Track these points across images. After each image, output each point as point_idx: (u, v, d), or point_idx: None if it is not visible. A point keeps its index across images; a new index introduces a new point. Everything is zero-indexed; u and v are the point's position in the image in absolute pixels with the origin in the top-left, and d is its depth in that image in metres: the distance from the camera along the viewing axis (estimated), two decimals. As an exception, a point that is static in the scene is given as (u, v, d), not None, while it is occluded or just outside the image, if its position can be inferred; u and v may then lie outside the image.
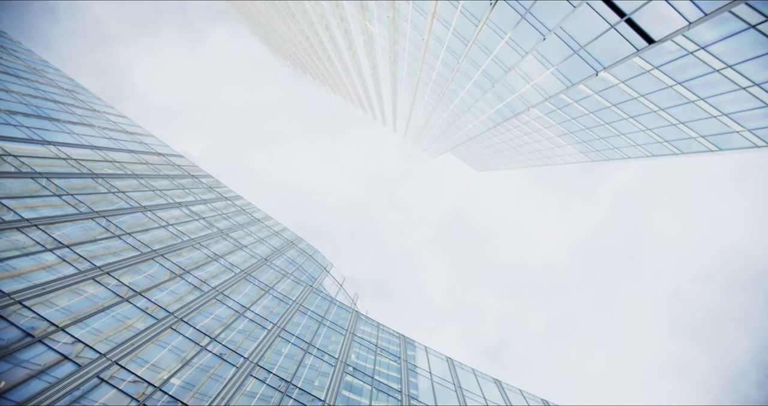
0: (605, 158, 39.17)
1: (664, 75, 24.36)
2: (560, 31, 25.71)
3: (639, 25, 20.83)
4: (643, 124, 29.75)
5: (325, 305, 41.31)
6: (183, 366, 21.36)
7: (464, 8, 31.25)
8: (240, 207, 53.97)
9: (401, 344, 41.15)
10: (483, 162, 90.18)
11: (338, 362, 31.29)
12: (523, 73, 34.11)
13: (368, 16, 49.09)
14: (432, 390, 33.80)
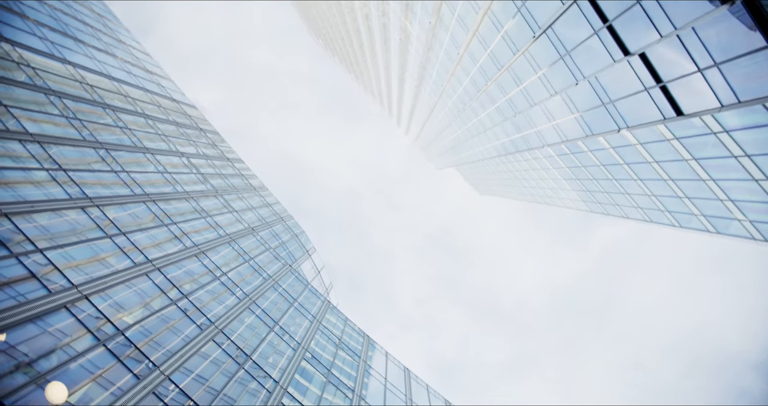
0: (604, 212, 39.20)
1: (682, 148, 24.36)
2: (594, 80, 25.65)
3: (672, 95, 20.79)
4: (649, 188, 29.76)
5: (299, 288, 41.15)
6: (147, 314, 21.14)
7: (507, 34, 31.15)
8: (238, 170, 53.66)
9: (364, 344, 41.10)
10: (485, 185, 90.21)
11: (300, 347, 31.17)
12: (547, 111, 34.05)
13: (410, 17, 48.90)
14: (384, 397, 33.76)
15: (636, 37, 20.05)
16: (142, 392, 17.28)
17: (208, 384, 21.06)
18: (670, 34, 18.07)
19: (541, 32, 26.90)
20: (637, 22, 19.37)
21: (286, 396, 25.17)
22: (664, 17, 17.85)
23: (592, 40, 23.01)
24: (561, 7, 23.32)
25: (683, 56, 18.71)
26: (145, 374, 18.17)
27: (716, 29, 16.47)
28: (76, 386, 14.95)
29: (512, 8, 28.17)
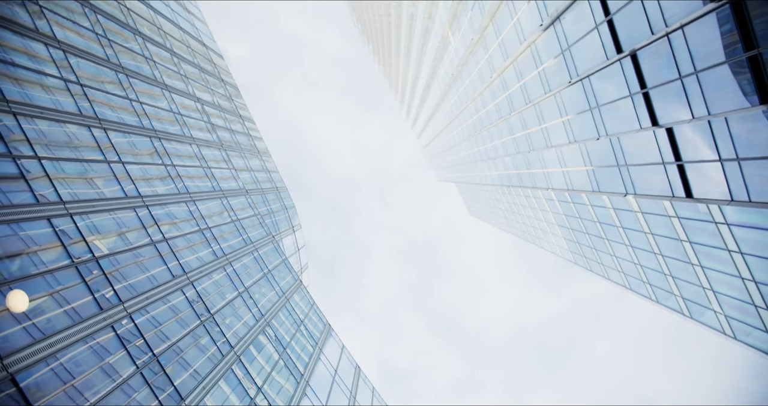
0: (587, 268, 39.20)
1: (681, 227, 24.34)
2: (616, 140, 25.57)
3: (687, 176, 20.73)
4: (638, 257, 29.75)
5: (276, 261, 40.89)
6: (123, 247, 20.86)
7: (544, 71, 31.01)
8: (247, 129, 53.21)
9: (324, 332, 40.93)
10: (478, 208, 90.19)
11: (262, 319, 30.96)
12: (561, 157, 33.96)
13: (454, 28, 48.67)
14: (330, 389, 33.59)
15: (668, 111, 19.96)
16: (101, 323, 17.05)
17: (165, 332, 20.78)
18: (702, 118, 17.98)
19: (577, 79, 26.79)
20: (674, 96, 19.27)
21: (237, 363, 24.95)
22: (701, 100, 17.76)
23: (625, 102, 22.92)
24: (604, 62, 23.20)
25: (709, 142, 18.64)
26: (108, 307, 17.92)
27: (748, 126, 16.41)
28: (35, 296, 14.70)
29: (556, 48, 28.02)
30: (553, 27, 27.60)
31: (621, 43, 21.27)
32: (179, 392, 19.10)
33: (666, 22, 17.90)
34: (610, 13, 21.37)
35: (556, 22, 27.02)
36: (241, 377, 24.21)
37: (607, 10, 21.56)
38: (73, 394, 14.20)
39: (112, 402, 15.35)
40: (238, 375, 24.18)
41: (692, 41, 17.35)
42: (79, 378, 14.71)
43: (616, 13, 20.81)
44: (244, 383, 24.34)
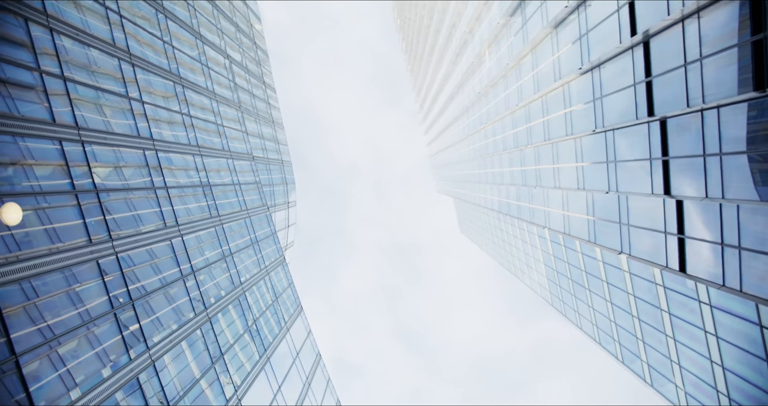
0: (562, 312, 39.35)
1: (664, 297, 24.48)
2: (624, 198, 25.67)
3: (685, 251, 20.84)
4: (614, 315, 29.91)
5: (265, 233, 40.80)
6: (122, 183, 20.74)
7: (570, 114, 31.07)
8: (267, 97, 52.98)
9: (295, 313, 40.91)
10: (469, 228, 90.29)
11: (240, 287, 30.94)
12: (566, 200, 34.06)
13: (492, 49, 48.67)
14: (288, 370, 33.59)
15: (684, 184, 20.04)
16: (87, 256, 16.96)
17: (146, 277, 20.66)
18: (716, 199, 18.08)
19: (602, 130, 26.85)
20: (692, 172, 19.35)
21: (206, 326, 24.88)
22: (718, 182, 17.85)
23: (643, 165, 22.99)
24: (632, 120, 23.27)
25: (715, 224, 18.74)
26: (98, 241, 17.85)
27: (757, 219, 16.51)
28: (24, 207, 14.57)
29: (588, 95, 28.08)
30: (592, 73, 27.64)
31: (654, 107, 21.33)
32: (145, 337, 19.02)
33: (704, 99, 17.96)
34: (651, 75, 21.42)
35: (596, 70, 27.06)
36: (206, 340, 24.16)
37: (649, 71, 21.62)
38: (36, 315, 14.12)
39: (74, 326, 15.29)
40: (204, 337, 24.14)
41: (724, 123, 17.42)
42: (46, 297, 14.64)
43: (658, 76, 20.86)
44: (210, 347, 24.31)
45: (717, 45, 16.99)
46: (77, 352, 15.41)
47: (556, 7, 29.62)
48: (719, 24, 16.96)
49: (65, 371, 14.60)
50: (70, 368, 14.83)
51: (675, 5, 18.73)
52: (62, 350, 14.75)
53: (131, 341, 18.21)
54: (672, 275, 22.79)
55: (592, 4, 26.05)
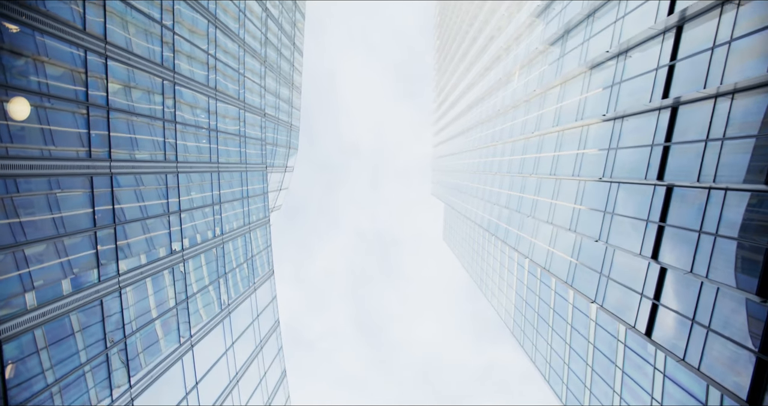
0: (519, 341, 39.80)
1: (622, 355, 24.90)
2: (611, 251, 26.00)
3: (656, 317, 21.21)
4: (570, 358, 30.34)
5: (257, 190, 40.79)
6: (131, 107, 20.71)
7: (582, 155, 31.32)
8: (293, 59, 52.65)
9: (264, 276, 41.08)
10: (452, 237, 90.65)
11: (221, 237, 31.09)
12: (554, 237, 34.38)
13: (523, 71, 48.78)
14: (244, 329, 33.77)
15: (673, 253, 20.36)
16: (84, 169, 16.98)
17: (134, 204, 20.70)
18: (699, 277, 18.40)
19: (608, 180, 27.12)
20: (684, 244, 19.67)
21: (179, 267, 24.95)
22: (706, 261, 18.17)
23: (638, 224, 23.29)
24: (640, 179, 23.53)
25: (691, 300, 19.09)
26: (97, 157, 17.88)
27: (731, 305, 16.85)
28: (33, 103, 14.55)
29: (605, 143, 28.31)
30: (614, 122, 27.85)
31: (665, 172, 21.59)
32: (118, 263, 19.06)
33: (716, 178, 18.23)
34: (671, 141, 21.66)
35: (619, 120, 27.27)
36: (174, 282, 24.24)
37: (670, 136, 21.86)
38: (13, 213, 14.16)
39: (46, 230, 15.33)
40: (174, 279, 24.22)
41: (727, 206, 17.71)
42: (20, 195, 14.68)
43: (677, 144, 21.11)
44: (177, 289, 24.41)
45: (742, 130, 17.23)
46: (43, 257, 15.44)
47: (598, 49, 29.75)
48: (750, 110, 17.19)
49: (27, 273, 14.62)
50: (34, 270, 14.87)
51: (713, 80, 18.93)
52: (31, 251, 14.78)
53: (104, 262, 18.20)
54: (636, 336, 23.17)
55: (633, 57, 26.20)
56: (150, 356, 21.24)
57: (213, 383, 28.21)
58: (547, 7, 41.02)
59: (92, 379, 16.94)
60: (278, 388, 42.74)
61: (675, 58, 21.94)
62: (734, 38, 18.24)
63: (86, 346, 16.82)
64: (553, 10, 39.50)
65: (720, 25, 19.10)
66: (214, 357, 28.73)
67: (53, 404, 14.74)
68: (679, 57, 21.63)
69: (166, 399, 22.36)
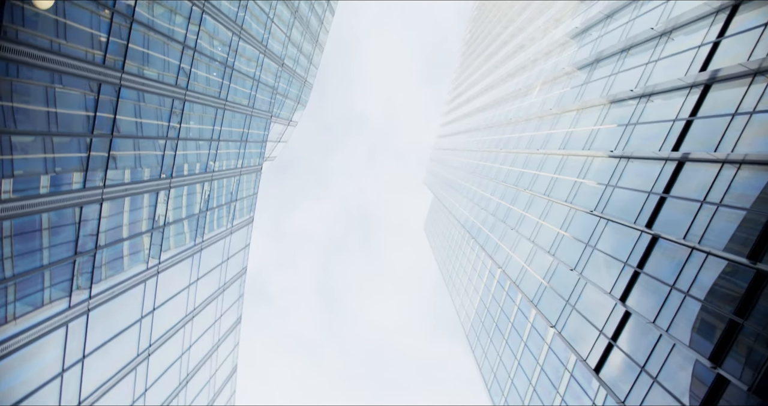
0: (471, 346, 40.60)
1: (566, 383, 25.64)
2: (583, 283, 26.59)
3: (608, 356, 21.87)
4: (515, 374, 31.12)
5: (257, 136, 40.70)
6: (153, 29, 20.68)
7: (579, 184, 31.78)
8: (324, 16, 51.82)
9: (243, 222, 41.29)
10: (432, 229, 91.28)
11: (210, 173, 31.22)
12: (532, 255, 34.96)
13: (544, 88, 49.00)
14: (211, 269, 33.96)
15: (641, 301, 20.94)
16: (95, 74, 16.99)
17: (139, 120, 20.78)
18: (660, 329, 19.00)
19: (598, 215, 27.61)
20: (655, 296, 20.24)
21: (164, 193, 25.05)
22: (670, 316, 18.76)
23: (615, 265, 23.85)
24: (629, 222, 24.01)
25: (646, 348, 19.73)
26: (110, 65, 17.89)
27: (680, 359, 17.49)
28: None
29: (604, 178, 28.75)
30: (619, 161, 28.27)
31: (655, 222, 22.09)
32: (105, 177, 19.12)
33: (702, 240, 18.73)
34: (669, 193, 22.12)
35: (624, 160, 27.69)
36: (155, 206, 24.30)
37: (669, 188, 22.31)
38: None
39: (39, 124, 15.45)
40: (155, 202, 24.29)
41: (704, 269, 18.24)
42: (20, 81, 14.76)
43: (674, 198, 21.56)
44: (156, 215, 24.51)
45: (738, 201, 17.69)
46: (30, 149, 15.57)
47: (623, 86, 30.03)
48: (751, 184, 17.63)
49: (9, 160, 14.75)
50: (19, 159, 15.01)
51: (725, 146, 19.34)
52: (19, 141, 14.88)
53: (91, 169, 18.18)
54: (584, 369, 23.86)
55: (655, 102, 26.54)
56: (115, 272, 21.36)
57: (169, 313, 28.54)
58: (584, 31, 41.11)
59: (51, 280, 16.94)
60: (230, 332, 43.28)
61: (695, 114, 22.31)
62: (757, 110, 18.62)
63: (53, 245, 16.73)
64: (589, 36, 39.62)
65: (747, 94, 19.46)
66: (176, 288, 29.02)
67: (5, 295, 14.80)
68: (699, 115, 22.00)
69: (122, 318, 22.62)
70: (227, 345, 42.73)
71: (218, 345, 39.98)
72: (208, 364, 38.37)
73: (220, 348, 40.92)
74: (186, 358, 32.84)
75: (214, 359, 39.73)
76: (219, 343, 40.15)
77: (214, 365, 39.90)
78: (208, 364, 38.16)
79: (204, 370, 37.31)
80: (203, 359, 36.53)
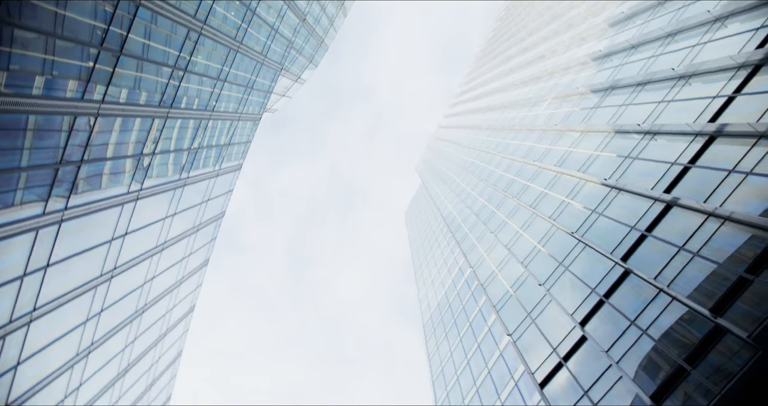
0: (425, 337, 41.42)
1: (509, 391, 26.48)
2: (548, 300, 27.30)
3: (556, 374, 22.65)
4: (462, 373, 31.95)
5: (263, 85, 40.54)
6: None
7: (565, 205, 32.39)
8: None
9: (231, 168, 41.34)
10: (412, 216, 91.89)
11: (210, 112, 31.30)
12: (504, 263, 35.63)
13: (554, 103, 49.42)
14: (189, 207, 34.06)
15: (599, 328, 21.67)
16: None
17: (145, 39, 20.70)
18: (612, 359, 19.74)
19: (578, 239, 28.25)
20: (610, 326, 20.95)
21: (160, 121, 25.06)
22: (625, 348, 19.50)
23: (582, 289, 24.55)
24: (606, 251, 24.67)
25: (594, 374, 20.51)
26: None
27: (621, 389, 18.27)
28: None
29: (592, 204, 29.35)
30: (609, 191, 28.86)
31: (630, 258, 22.73)
32: (105, 93, 19.21)
33: (671, 284, 19.40)
34: (650, 232, 22.75)
35: (614, 191, 28.28)
36: (147, 134, 24.30)
37: (652, 228, 22.94)
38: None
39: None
40: (150, 128, 24.30)
41: (667, 311, 18.94)
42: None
43: (654, 238, 22.20)
44: (146, 142, 24.55)
45: (714, 254, 18.34)
46: (30, 46, 15.56)
47: (631, 118, 30.51)
48: (728, 241, 18.27)
49: None
50: None
51: (715, 200, 19.94)
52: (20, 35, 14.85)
53: (93, 82, 18.16)
54: (530, 382, 24.67)
55: (658, 142, 27.07)
56: (95, 189, 21.26)
57: (140, 241, 28.66)
58: (606, 56, 41.44)
59: (29, 183, 16.74)
60: (195, 272, 43.59)
61: (694, 162, 22.88)
62: (753, 172, 19.20)
63: (37, 148, 16.39)
64: (610, 61, 39.97)
65: (748, 154, 20.02)
66: (151, 218, 29.10)
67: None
68: (697, 163, 22.57)
69: (93, 236, 22.64)
70: (190, 284, 43.03)
71: (181, 282, 40.26)
72: (168, 298, 38.67)
73: (183, 285, 41.21)
74: (147, 288, 33.04)
75: (174, 295, 40.03)
76: (183, 280, 40.42)
77: (172, 301, 40.22)
78: (167, 298, 38.46)
79: (162, 303, 37.60)
80: (164, 292, 36.81)
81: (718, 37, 27.20)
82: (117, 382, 33.80)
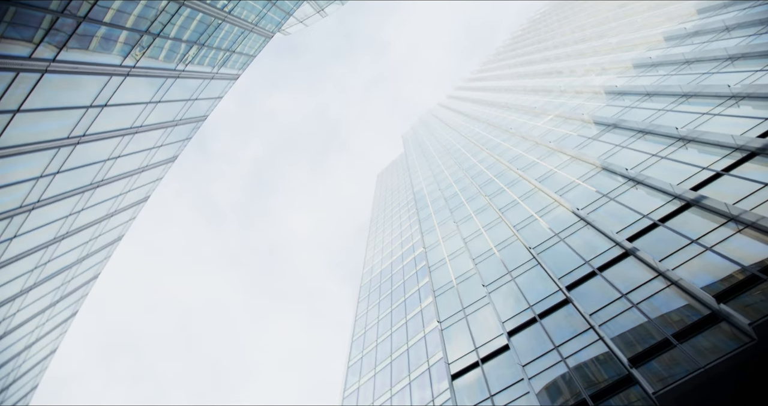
0: (358, 298, 42.61)
1: (419, 372, 27.88)
2: (486, 300, 28.56)
3: (470, 371, 24.04)
4: (383, 340, 33.28)
5: (286, 7, 40.05)
6: None
7: (533, 222, 33.56)
8: None
9: (227, 77, 41.06)
10: (384, 179, 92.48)
11: (225, 14, 31.00)
12: (457, 255, 36.81)
13: (555, 121, 50.31)
14: (175, 99, 33.93)
15: (524, 343, 23.03)
16: None
17: None
18: (525, 375, 21.14)
19: (533, 255, 29.47)
20: (537, 345, 22.32)
21: (178, 6, 24.87)
22: (539, 369, 20.89)
23: (521, 302, 25.86)
24: (555, 276, 25.95)
25: (504, 382, 21.91)
26: None
27: (523, 404, 19.70)
28: None
29: (558, 227, 30.56)
30: (578, 220, 30.07)
31: (576, 288, 24.04)
32: None
33: (603, 324, 20.76)
34: (602, 272, 24.05)
35: (582, 222, 29.50)
36: (160, 9, 24.06)
37: (603, 269, 24.23)
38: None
39: None
40: (164, 8, 24.07)
41: (587, 348, 20.32)
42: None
43: (600, 277, 23.49)
44: (159, 17, 24.30)
45: (651, 311, 19.68)
46: None
47: (621, 161, 31.60)
48: (668, 304, 19.62)
49: None
50: None
51: (670, 263, 21.23)
52: None
53: None
54: (443, 370, 26.08)
55: (638, 191, 28.26)
56: (88, 50, 20.82)
57: (116, 116, 28.14)
58: (620, 94, 42.31)
59: (23, 21, 16.24)
60: (160, 165, 43.39)
61: (664, 221, 24.11)
62: (712, 249, 20.49)
63: None
64: (621, 100, 40.88)
65: (713, 232, 21.28)
66: (135, 99, 28.75)
67: None
68: (666, 223, 23.81)
69: (72, 96, 21.85)
70: (151, 174, 42.79)
71: (143, 170, 40.06)
72: (125, 181, 38.46)
73: (144, 174, 41.03)
74: (109, 165, 32.75)
75: (132, 181, 39.84)
76: (145, 168, 40.21)
77: (128, 186, 40.06)
78: (124, 181, 38.24)
79: (119, 184, 37.33)
80: (124, 174, 36.55)
81: (727, 113, 28.27)
82: (51, 245, 33.84)
